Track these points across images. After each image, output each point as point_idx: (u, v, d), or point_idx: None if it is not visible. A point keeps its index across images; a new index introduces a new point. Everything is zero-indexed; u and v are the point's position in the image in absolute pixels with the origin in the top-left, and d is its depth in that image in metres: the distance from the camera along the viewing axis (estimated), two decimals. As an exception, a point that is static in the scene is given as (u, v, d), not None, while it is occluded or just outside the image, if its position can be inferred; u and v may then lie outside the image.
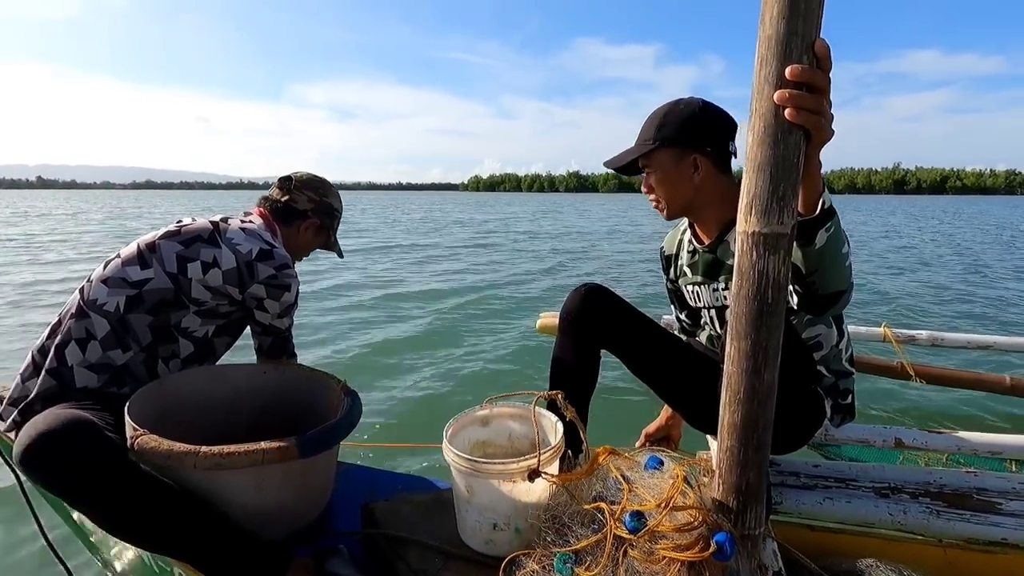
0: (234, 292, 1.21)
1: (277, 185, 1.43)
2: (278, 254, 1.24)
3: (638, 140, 1.22)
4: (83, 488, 0.87)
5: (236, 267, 1.19)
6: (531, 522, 0.88)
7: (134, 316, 1.15)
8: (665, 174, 1.19)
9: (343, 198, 1.55)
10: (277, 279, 1.22)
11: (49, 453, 0.85)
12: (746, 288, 0.72)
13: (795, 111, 0.65)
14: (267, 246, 1.24)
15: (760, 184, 0.70)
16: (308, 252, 1.51)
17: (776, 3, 0.66)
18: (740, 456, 0.77)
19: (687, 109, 1.16)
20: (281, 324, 1.31)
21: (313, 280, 6.62)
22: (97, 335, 1.14)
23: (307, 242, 1.47)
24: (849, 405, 1.22)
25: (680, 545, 0.71)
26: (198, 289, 1.18)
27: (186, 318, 1.20)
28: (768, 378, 0.74)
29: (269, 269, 1.21)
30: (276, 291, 1.23)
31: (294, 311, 1.33)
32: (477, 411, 1.10)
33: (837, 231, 0.82)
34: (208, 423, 1.21)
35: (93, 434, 0.90)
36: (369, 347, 4.00)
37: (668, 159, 1.17)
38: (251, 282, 1.21)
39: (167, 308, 1.18)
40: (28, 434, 0.86)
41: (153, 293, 1.16)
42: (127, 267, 1.17)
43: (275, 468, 0.97)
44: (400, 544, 1.00)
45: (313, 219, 1.43)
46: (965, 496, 1.17)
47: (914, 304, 5.75)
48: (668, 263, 1.42)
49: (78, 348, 1.13)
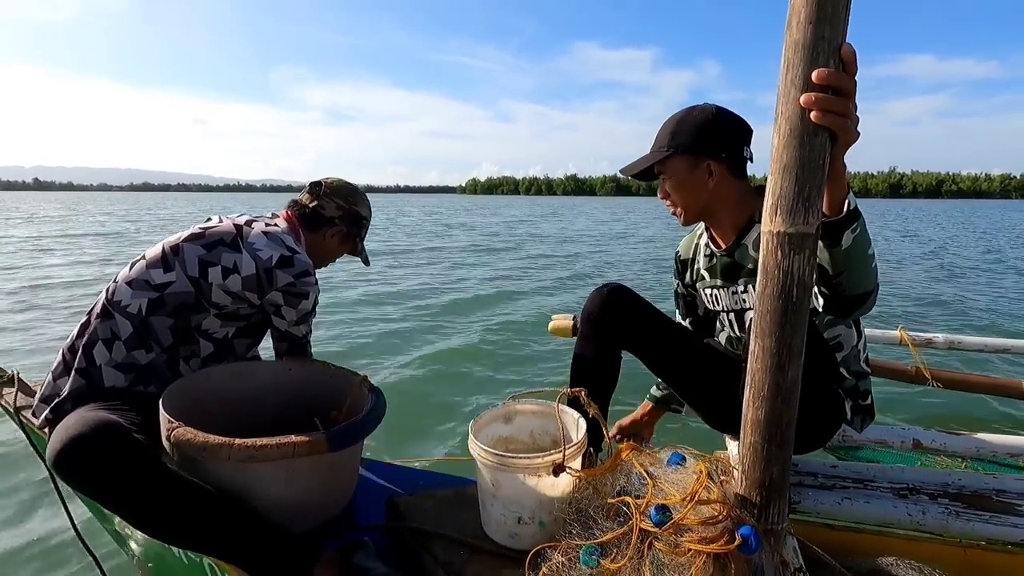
0: (253, 297, 1.22)
1: (307, 190, 1.43)
2: (298, 261, 1.24)
3: (653, 147, 1.23)
4: (114, 491, 0.89)
5: (255, 273, 1.20)
6: (555, 516, 0.90)
7: (155, 319, 1.17)
8: (680, 181, 1.20)
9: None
10: (295, 287, 1.22)
11: (79, 458, 0.87)
12: (771, 287, 0.74)
13: (821, 113, 0.66)
14: (288, 252, 1.23)
15: (786, 185, 0.71)
16: (334, 259, 1.51)
17: (803, 8, 0.67)
18: (763, 452, 0.78)
19: (701, 116, 1.17)
20: (298, 331, 1.31)
21: (331, 287, 6.67)
22: (121, 336, 1.16)
23: (332, 249, 1.47)
24: (869, 406, 1.23)
25: (705, 538, 0.73)
26: (218, 294, 1.19)
27: (206, 320, 1.22)
28: (792, 375, 0.75)
29: (288, 276, 1.21)
30: (294, 299, 1.23)
31: (311, 319, 1.33)
32: (500, 408, 1.12)
33: (863, 232, 0.83)
34: (235, 417, 1.24)
35: (121, 437, 0.91)
36: (382, 351, 4.03)
37: (683, 166, 1.19)
38: (270, 289, 1.21)
39: (188, 311, 1.19)
40: (59, 438, 0.88)
41: (175, 296, 1.17)
42: (151, 269, 1.18)
43: (304, 461, 1.00)
44: (426, 537, 1.02)
45: (340, 227, 1.43)
46: (984, 498, 1.17)
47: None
48: (684, 267, 1.43)
49: (104, 348, 1.15)
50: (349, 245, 1.49)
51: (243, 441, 0.94)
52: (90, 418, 0.92)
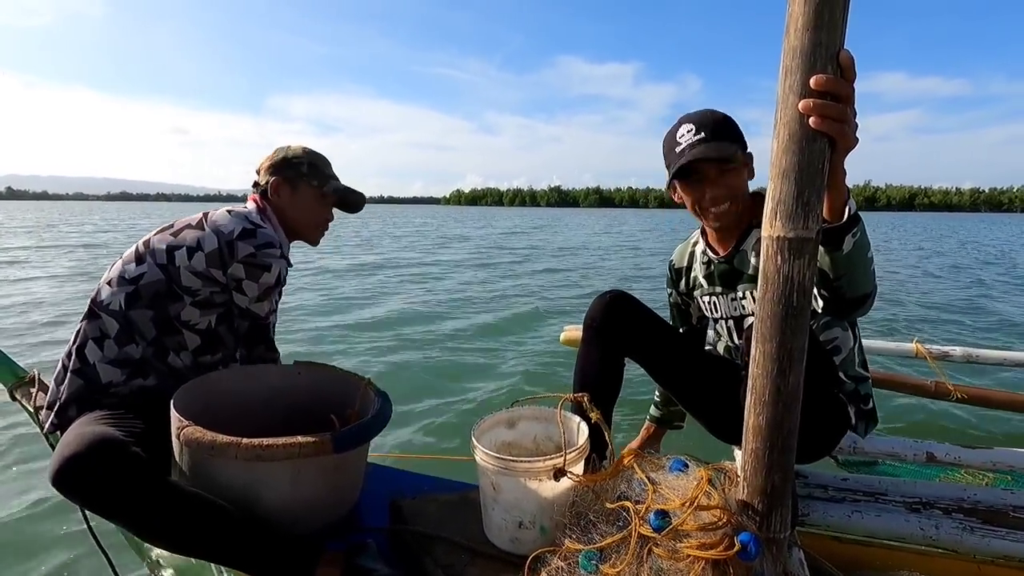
0: (218, 275, 1.20)
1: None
2: (262, 233, 1.22)
3: (710, 138, 1.12)
4: (113, 506, 0.90)
5: (218, 247, 1.19)
6: (556, 520, 0.90)
7: (135, 312, 1.18)
8: (742, 177, 1.17)
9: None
10: (256, 258, 1.19)
11: (76, 477, 0.88)
12: (771, 292, 0.74)
13: (820, 119, 0.67)
14: (250, 226, 1.22)
15: (785, 190, 0.71)
16: (311, 216, 1.41)
17: (801, 15, 0.68)
18: (765, 459, 0.78)
19: (727, 118, 1.16)
20: (259, 309, 1.25)
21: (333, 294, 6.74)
22: (110, 333, 1.18)
23: (292, 204, 1.37)
24: (871, 411, 1.21)
25: (705, 544, 0.72)
26: (187, 276, 1.19)
27: (185, 310, 1.21)
28: (793, 381, 0.75)
29: (249, 247, 1.19)
30: (255, 271, 1.20)
31: (274, 296, 1.28)
32: (503, 413, 1.12)
33: (863, 236, 0.84)
34: (245, 419, 1.25)
35: (117, 453, 0.91)
36: (389, 361, 4.06)
37: (742, 162, 1.16)
38: (231, 261, 1.19)
39: (164, 300, 1.19)
40: (56, 458, 0.89)
41: (148, 287, 1.18)
42: (125, 265, 1.21)
43: (310, 462, 1.01)
44: (427, 540, 1.02)
45: (277, 179, 1.36)
46: (1001, 513, 1.14)
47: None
48: (678, 275, 1.42)
49: (96, 346, 1.17)
50: (305, 189, 1.38)
51: (250, 441, 0.96)
52: (87, 434, 0.92)
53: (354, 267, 9.90)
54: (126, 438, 0.96)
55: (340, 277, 8.52)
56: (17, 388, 1.46)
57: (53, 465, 0.89)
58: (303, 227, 1.41)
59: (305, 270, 9.09)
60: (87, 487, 0.89)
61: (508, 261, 11.64)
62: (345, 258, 11.51)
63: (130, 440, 0.97)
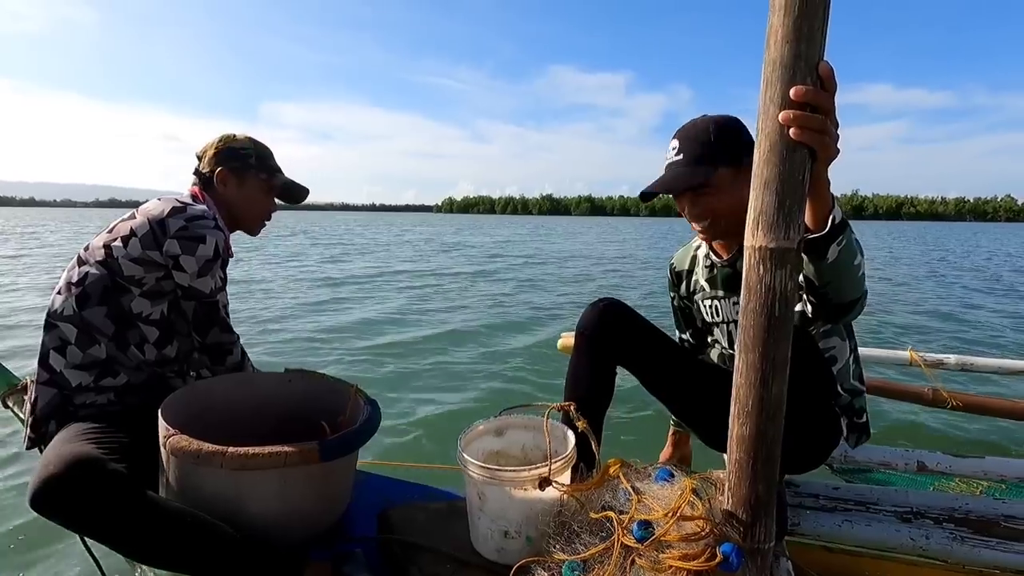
0: (156, 256, 1.18)
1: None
2: (192, 209, 1.21)
3: (683, 161, 1.13)
4: (95, 525, 0.89)
5: (149, 229, 1.18)
6: (542, 530, 0.89)
7: (88, 312, 1.18)
8: (728, 194, 1.12)
9: (317, 218, 1.47)
10: (189, 230, 1.18)
11: (56, 498, 0.87)
12: (754, 301, 0.74)
13: (800, 130, 0.67)
14: (179, 204, 1.22)
15: (766, 200, 0.72)
16: (257, 207, 1.41)
17: (781, 27, 0.68)
18: (749, 469, 0.77)
19: (727, 125, 1.12)
20: (202, 285, 1.21)
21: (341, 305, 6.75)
22: (70, 339, 1.17)
23: (237, 195, 1.37)
24: (864, 424, 1.20)
25: (686, 555, 0.72)
26: (127, 265, 1.18)
27: (135, 302, 1.20)
28: (776, 391, 0.75)
29: (180, 221, 1.18)
30: (190, 243, 1.17)
31: (217, 271, 1.24)
32: (491, 422, 1.12)
33: (849, 244, 0.83)
34: (235, 428, 1.25)
35: (95, 471, 0.90)
36: (382, 365, 4.05)
37: (727, 178, 1.11)
38: (164, 239, 1.17)
39: (113, 294, 1.19)
40: (35, 479, 0.88)
41: (94, 285, 1.18)
42: (70, 272, 1.21)
43: (298, 471, 1.01)
44: (414, 550, 1.02)
45: (221, 169, 1.35)
46: (992, 523, 1.14)
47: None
48: (679, 279, 1.42)
49: (58, 355, 1.17)
50: (252, 182, 1.38)
51: (236, 449, 0.96)
52: (63, 454, 0.91)
53: (352, 276, 9.91)
54: (105, 455, 0.96)
55: (339, 285, 8.53)
56: (10, 396, 1.46)
57: (31, 487, 0.88)
58: (247, 218, 1.41)
59: (306, 279, 9.10)
60: (67, 508, 0.88)
61: (505, 267, 11.65)
62: (340, 264, 11.51)
63: (111, 457, 0.96)
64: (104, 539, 0.91)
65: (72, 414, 1.15)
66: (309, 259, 12.29)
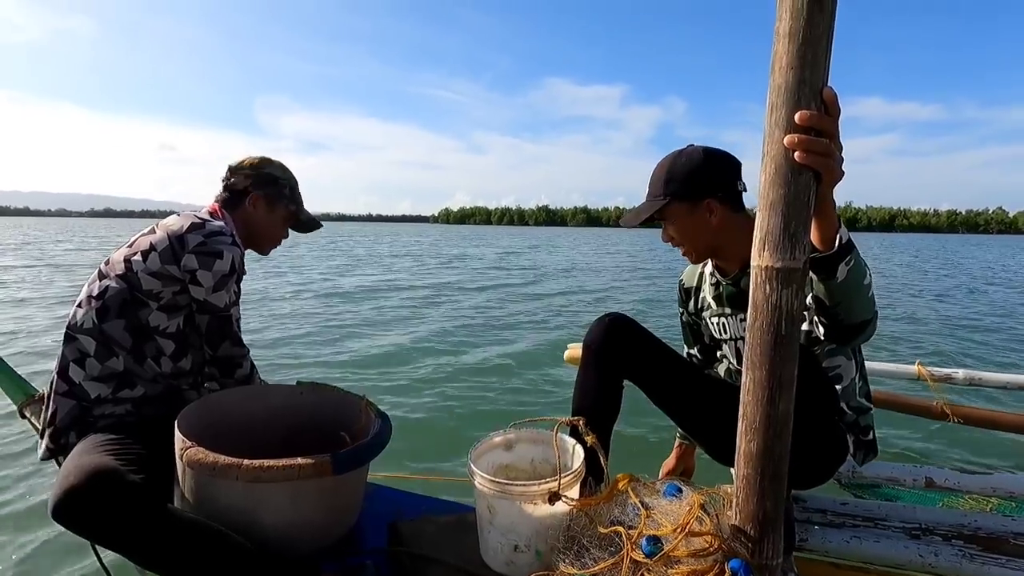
0: (174, 271, 1.20)
1: (222, 179, 1.43)
2: (210, 225, 1.24)
3: (648, 195, 1.25)
4: (114, 536, 0.91)
5: (169, 244, 1.21)
6: (551, 544, 0.90)
7: (108, 324, 1.20)
8: (682, 225, 1.22)
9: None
10: (207, 246, 1.21)
11: (76, 509, 0.89)
12: (760, 320, 0.75)
13: (805, 154, 0.69)
14: (199, 220, 1.25)
15: (772, 221, 0.73)
16: (276, 232, 1.47)
17: (785, 54, 0.70)
18: (757, 485, 0.78)
19: (690, 161, 1.20)
20: (218, 300, 1.24)
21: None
22: (89, 352, 1.20)
23: (264, 220, 1.42)
24: (871, 442, 1.20)
25: (695, 571, 0.73)
26: (146, 279, 1.20)
27: (152, 315, 1.22)
28: (783, 407, 0.76)
29: (198, 237, 1.21)
30: (207, 259, 1.20)
31: (232, 286, 1.27)
32: (501, 435, 1.13)
33: (857, 264, 0.85)
34: (248, 439, 1.27)
35: (115, 483, 0.92)
36: (390, 379, 4.07)
37: (682, 211, 1.21)
38: (183, 253, 1.20)
39: (132, 308, 1.21)
40: (56, 490, 0.90)
41: (113, 298, 1.20)
42: (91, 285, 1.24)
43: (310, 483, 1.02)
44: (424, 563, 1.03)
45: (255, 193, 1.40)
46: (1002, 540, 1.14)
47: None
48: (687, 295, 1.44)
49: (77, 367, 1.19)
50: (280, 210, 1.45)
51: (251, 462, 0.97)
52: (83, 466, 0.93)
53: (363, 288, 9.95)
54: (124, 467, 0.97)
55: (348, 297, 8.57)
56: (27, 406, 1.49)
57: (52, 498, 0.90)
58: (264, 241, 1.47)
59: (314, 290, 9.15)
60: (86, 519, 0.90)
61: (509, 280, 11.67)
62: (346, 277, 11.57)
63: (129, 468, 0.97)
64: (122, 550, 0.92)
65: (91, 425, 1.17)
66: (314, 271, 12.36)
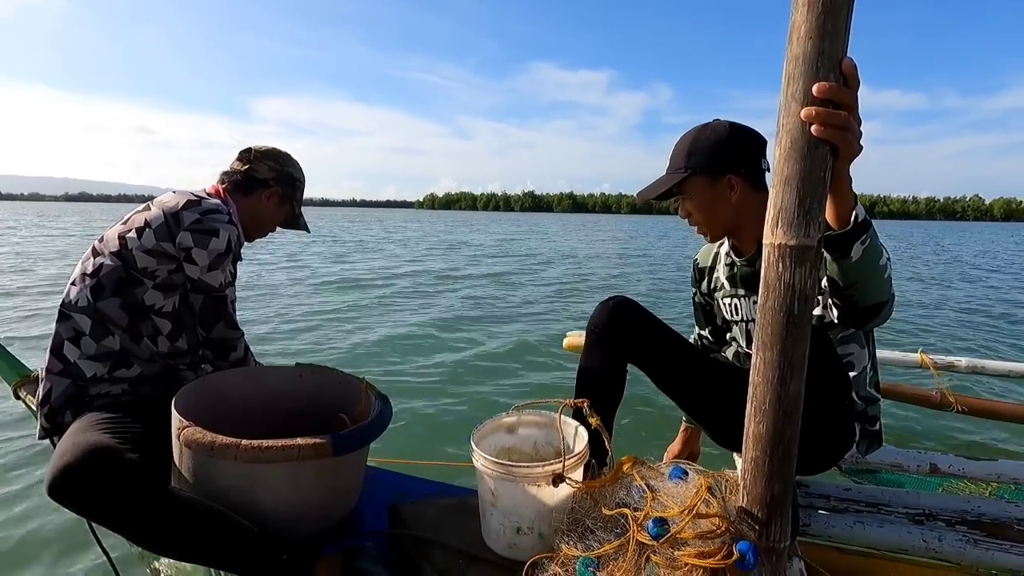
0: (169, 248, 1.19)
1: (237, 158, 1.42)
2: (207, 203, 1.22)
3: (669, 168, 1.22)
4: (111, 514, 0.90)
5: (164, 221, 1.19)
6: (554, 527, 0.89)
7: (103, 303, 1.18)
8: (702, 199, 1.19)
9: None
10: (202, 223, 1.19)
11: (73, 487, 0.88)
12: (772, 299, 0.74)
13: (822, 127, 0.66)
14: (195, 198, 1.23)
15: (787, 197, 0.71)
16: (272, 226, 1.49)
17: (803, 24, 0.68)
18: (765, 467, 0.77)
19: (715, 135, 1.17)
20: (212, 279, 1.22)
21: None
22: (85, 330, 1.18)
23: (270, 213, 1.44)
24: (877, 432, 1.19)
25: (703, 552, 0.72)
26: (140, 257, 1.18)
27: (148, 294, 1.21)
28: (794, 389, 0.74)
29: (194, 215, 1.20)
30: (202, 237, 1.19)
31: (228, 265, 1.25)
32: (503, 418, 1.12)
33: (874, 243, 0.82)
34: (246, 421, 1.26)
35: (114, 461, 0.91)
36: (389, 363, 4.06)
37: (703, 185, 1.18)
38: (178, 231, 1.18)
39: (127, 286, 1.19)
40: (52, 467, 0.89)
41: (108, 276, 1.18)
42: (84, 263, 1.22)
43: (310, 464, 1.01)
44: (425, 545, 1.02)
45: (275, 188, 1.41)
46: (1005, 526, 1.13)
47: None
48: (701, 275, 1.42)
49: (72, 345, 1.17)
50: (286, 208, 1.47)
51: (249, 442, 0.96)
52: (81, 443, 0.92)
53: (357, 275, 9.93)
54: (121, 445, 0.96)
55: (343, 283, 8.55)
56: (21, 386, 1.47)
57: (49, 475, 0.89)
58: (258, 231, 1.47)
59: (312, 278, 9.13)
60: (83, 497, 0.88)
61: (505, 265, 11.65)
62: (343, 264, 11.54)
63: (126, 447, 0.96)
64: (120, 528, 0.91)
65: (87, 404, 1.15)
66: (307, 258, 12.33)
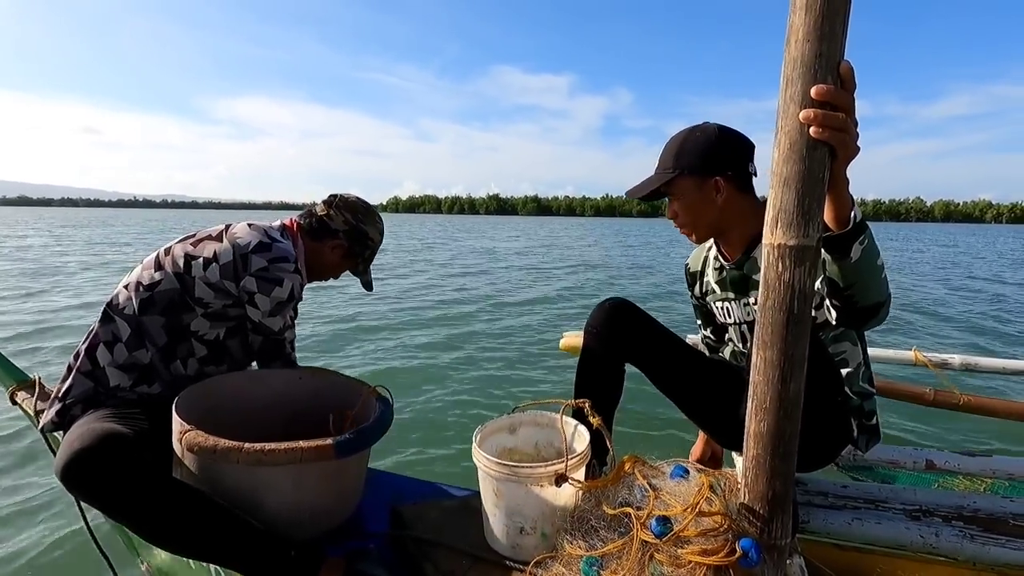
0: (231, 287, 1.20)
1: (323, 201, 1.45)
2: (277, 248, 1.22)
3: (658, 168, 1.24)
4: (117, 502, 0.90)
5: (232, 260, 1.19)
6: (557, 526, 0.90)
7: (147, 318, 1.19)
8: (689, 200, 1.20)
9: (256, 216, 1.53)
10: (269, 272, 1.20)
11: (83, 471, 0.88)
12: (772, 299, 0.75)
13: (821, 129, 0.67)
14: (267, 240, 1.23)
15: (786, 198, 0.72)
16: (334, 274, 1.49)
17: (802, 27, 0.69)
18: (766, 465, 0.78)
19: (704, 136, 1.18)
20: (272, 324, 1.25)
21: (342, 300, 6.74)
22: (122, 337, 1.18)
23: (333, 263, 1.45)
24: (874, 427, 1.21)
25: (706, 550, 0.73)
26: (200, 288, 1.19)
27: (195, 321, 1.22)
28: (794, 387, 0.75)
29: (262, 261, 1.20)
30: (267, 284, 1.20)
31: (288, 311, 1.27)
32: (505, 419, 1.12)
33: (871, 244, 0.84)
34: (247, 424, 1.26)
35: (124, 449, 0.92)
36: (393, 364, 4.06)
37: (690, 186, 1.19)
38: (244, 273, 1.19)
39: (177, 309, 1.20)
40: (64, 452, 0.89)
41: (163, 295, 1.19)
42: (144, 271, 1.21)
43: (312, 467, 1.01)
44: (428, 546, 1.02)
45: (342, 241, 1.42)
46: (1001, 521, 1.14)
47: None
48: (693, 279, 1.44)
49: (106, 350, 1.18)
50: (350, 262, 1.48)
51: (252, 445, 0.96)
52: (95, 429, 0.93)
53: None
54: (133, 436, 0.97)
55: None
56: (17, 391, 1.47)
57: (61, 459, 0.89)
58: (318, 275, 1.48)
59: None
60: (94, 482, 0.88)
61: (500, 267, 11.66)
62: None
63: (137, 438, 0.97)
64: (126, 517, 0.91)
65: (99, 405, 1.15)
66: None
